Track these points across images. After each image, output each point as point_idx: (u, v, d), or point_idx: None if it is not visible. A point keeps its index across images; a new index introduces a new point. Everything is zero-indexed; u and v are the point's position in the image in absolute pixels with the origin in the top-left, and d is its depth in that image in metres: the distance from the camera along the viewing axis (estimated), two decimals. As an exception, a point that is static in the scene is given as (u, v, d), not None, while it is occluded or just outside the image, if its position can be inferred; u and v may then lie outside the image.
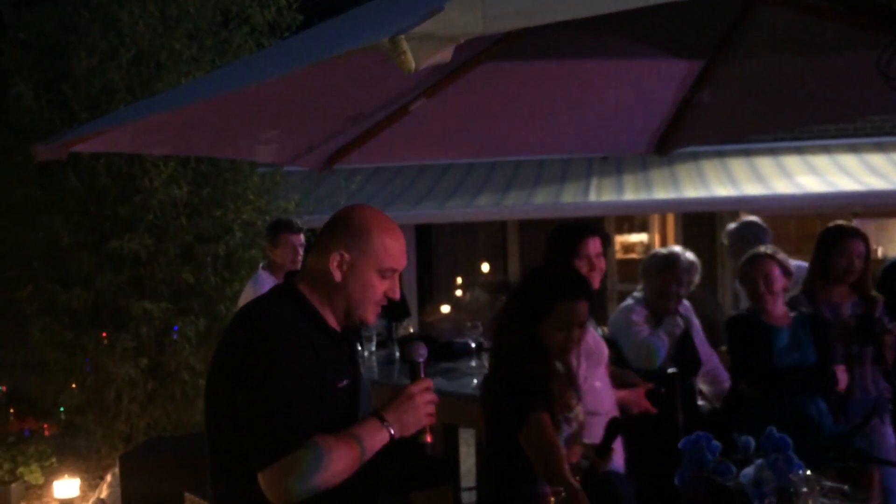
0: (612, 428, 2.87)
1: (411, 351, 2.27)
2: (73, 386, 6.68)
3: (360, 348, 4.17)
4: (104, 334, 6.52)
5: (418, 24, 1.17)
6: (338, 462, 2.01)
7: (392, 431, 2.11)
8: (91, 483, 6.76)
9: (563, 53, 3.52)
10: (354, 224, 2.23)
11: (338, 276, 2.18)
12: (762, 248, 4.15)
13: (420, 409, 2.15)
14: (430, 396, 2.18)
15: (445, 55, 1.25)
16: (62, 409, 6.96)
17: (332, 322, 2.24)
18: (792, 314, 4.07)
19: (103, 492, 6.14)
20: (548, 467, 2.71)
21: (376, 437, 2.10)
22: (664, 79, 3.85)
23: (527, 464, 2.80)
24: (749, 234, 5.22)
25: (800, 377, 3.92)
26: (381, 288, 2.22)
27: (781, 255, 4.08)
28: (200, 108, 2.30)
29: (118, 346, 6.38)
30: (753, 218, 5.50)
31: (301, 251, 5.37)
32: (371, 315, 2.24)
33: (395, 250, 2.23)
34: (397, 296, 2.26)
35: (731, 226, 5.50)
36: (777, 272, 4.01)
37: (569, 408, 2.92)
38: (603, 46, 3.49)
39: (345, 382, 2.18)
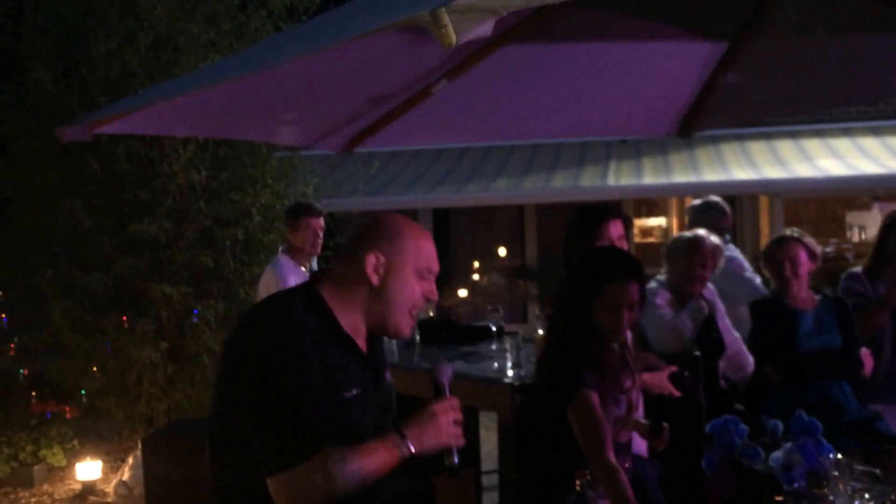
0: (659, 407, 2.91)
1: (435, 371, 2.21)
2: (94, 369, 6.72)
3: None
4: (124, 318, 6.56)
5: (459, -3, 1.15)
6: (349, 478, 1.97)
7: (412, 448, 2.04)
8: (113, 465, 6.82)
9: (585, 35, 3.49)
10: (386, 227, 2.20)
11: (375, 279, 2.14)
12: (788, 231, 4.12)
13: (442, 428, 2.07)
14: (455, 415, 2.11)
15: (486, 28, 1.23)
16: (83, 392, 7.01)
17: (353, 329, 2.18)
18: (817, 297, 4.03)
19: (125, 474, 6.18)
20: (591, 444, 2.76)
21: (393, 453, 2.04)
22: (687, 60, 3.80)
23: (571, 444, 2.82)
24: (703, 219, 5.13)
25: (825, 361, 3.89)
26: (419, 289, 2.18)
27: (808, 239, 4.05)
28: (225, 89, 2.29)
29: (138, 330, 6.41)
30: (715, 199, 5.42)
31: (321, 234, 5.38)
32: (405, 326, 2.20)
33: (428, 251, 2.21)
34: (436, 297, 2.23)
35: (696, 202, 5.42)
36: (804, 256, 3.98)
37: (620, 389, 2.93)
38: (625, 27, 3.46)
39: (353, 392, 2.12)
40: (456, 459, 2.12)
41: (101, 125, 2.48)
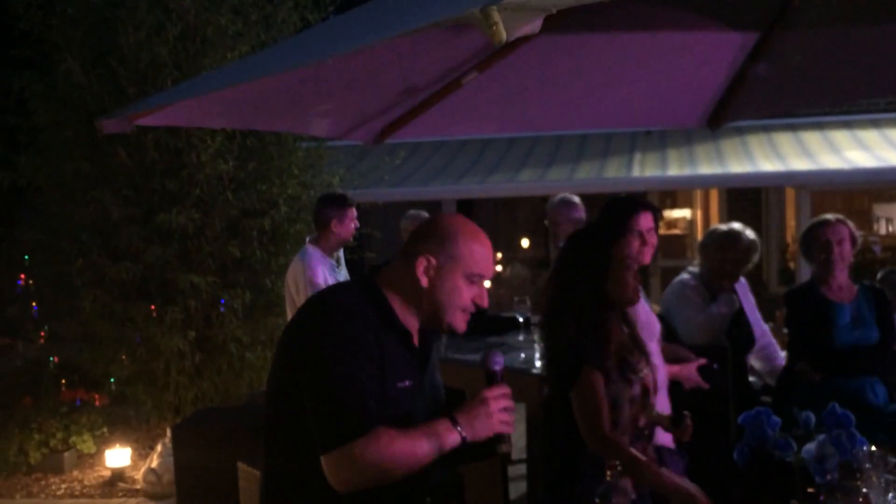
0: (680, 397, 2.89)
1: (487, 360, 2.25)
2: (123, 357, 6.80)
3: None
4: (153, 307, 6.62)
5: (510, -5, 1.16)
6: (402, 457, 2.03)
7: (463, 434, 2.09)
8: (141, 452, 6.89)
9: (615, 25, 3.48)
10: (442, 230, 2.23)
11: (424, 280, 2.19)
12: (829, 216, 4.05)
13: (493, 415, 2.12)
14: (505, 403, 2.16)
15: (535, 26, 1.24)
16: (112, 380, 7.09)
17: (408, 322, 2.23)
18: (856, 287, 3.97)
19: (154, 461, 6.25)
20: (587, 421, 2.75)
21: (446, 438, 2.08)
22: (717, 50, 3.78)
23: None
24: (560, 217, 5.28)
25: (860, 356, 3.82)
26: (468, 294, 2.21)
27: (851, 224, 3.99)
28: (263, 82, 2.31)
29: (167, 319, 6.48)
30: (571, 198, 5.51)
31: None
32: (460, 322, 2.23)
33: (482, 256, 2.23)
34: (485, 304, 2.26)
35: (555, 198, 5.50)
36: (848, 238, 3.93)
37: (632, 369, 2.88)
38: (655, 18, 3.44)
39: (407, 383, 2.18)
40: (506, 448, 2.17)
41: (141, 117, 2.52)
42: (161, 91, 5.83)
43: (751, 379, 4.40)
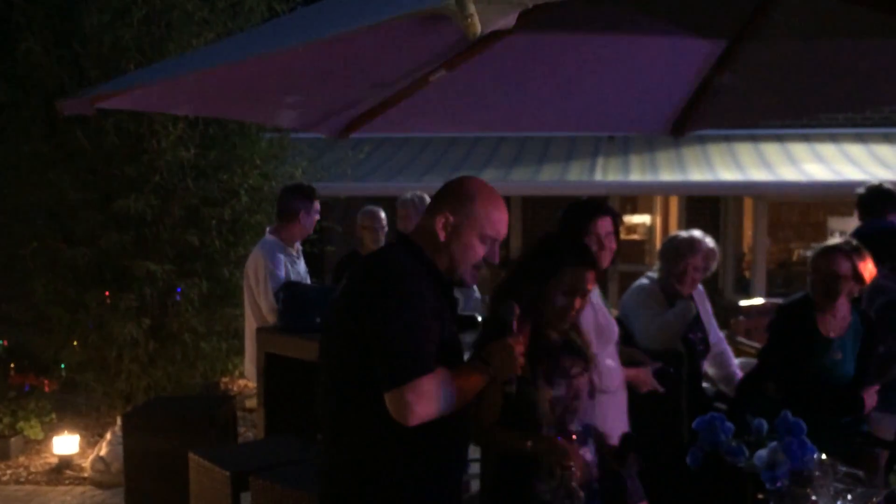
0: (628, 442, 2.92)
1: (504, 310, 2.47)
2: (75, 343, 6.69)
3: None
4: (107, 293, 6.53)
5: (487, -13, 1.15)
6: (456, 393, 2.27)
7: (492, 372, 2.38)
8: (90, 440, 6.79)
9: (584, 29, 3.49)
10: (462, 191, 2.46)
11: (442, 235, 2.41)
12: (836, 242, 3.87)
13: (515, 358, 2.39)
14: (521, 349, 2.42)
15: (510, 20, 1.24)
16: (63, 365, 6.98)
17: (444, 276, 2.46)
18: (850, 318, 3.83)
19: (103, 449, 6.16)
20: (477, 423, 2.75)
21: (481, 377, 2.38)
22: (684, 59, 3.81)
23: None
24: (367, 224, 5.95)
25: (831, 397, 3.73)
26: (480, 251, 2.44)
27: (860, 257, 3.74)
28: (229, 70, 2.28)
29: (121, 306, 6.39)
30: (376, 210, 6.00)
31: None
32: (469, 276, 2.45)
33: (496, 219, 2.44)
34: (496, 261, 2.48)
35: (367, 208, 6.05)
36: (850, 275, 3.72)
37: (563, 372, 2.86)
38: (624, 23, 3.46)
39: (452, 330, 2.43)
40: (513, 388, 2.46)
41: (103, 100, 2.48)
42: (124, 74, 5.75)
43: (704, 385, 4.44)
